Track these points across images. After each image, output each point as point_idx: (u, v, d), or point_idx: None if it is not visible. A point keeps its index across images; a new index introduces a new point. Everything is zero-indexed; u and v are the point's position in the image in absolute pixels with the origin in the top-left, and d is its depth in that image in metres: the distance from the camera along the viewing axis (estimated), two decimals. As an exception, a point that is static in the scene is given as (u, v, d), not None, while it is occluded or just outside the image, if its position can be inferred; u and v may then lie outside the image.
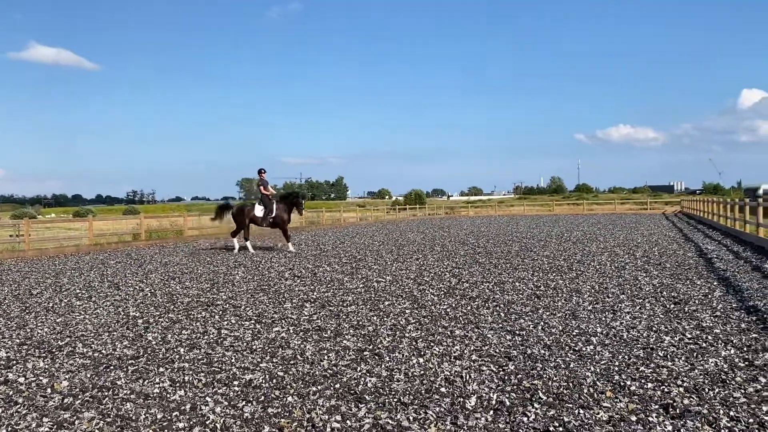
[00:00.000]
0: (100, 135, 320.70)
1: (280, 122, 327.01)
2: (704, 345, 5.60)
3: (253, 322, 7.23)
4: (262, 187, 17.82)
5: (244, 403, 4.38)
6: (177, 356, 5.74)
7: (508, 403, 4.19)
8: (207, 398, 4.50)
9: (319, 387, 4.68)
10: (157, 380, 4.98)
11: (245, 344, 6.13)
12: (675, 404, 4.07)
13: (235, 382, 4.87)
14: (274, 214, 17.29)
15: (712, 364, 4.98)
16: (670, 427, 3.71)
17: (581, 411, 4.01)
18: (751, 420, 3.79)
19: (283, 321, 7.22)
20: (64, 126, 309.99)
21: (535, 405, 4.15)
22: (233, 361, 5.52)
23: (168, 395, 4.61)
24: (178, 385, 4.85)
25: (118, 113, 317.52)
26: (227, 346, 6.09)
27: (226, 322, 7.24)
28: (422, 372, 4.98)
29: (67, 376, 5.18)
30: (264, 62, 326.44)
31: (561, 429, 3.74)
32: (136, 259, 16.25)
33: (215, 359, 5.59)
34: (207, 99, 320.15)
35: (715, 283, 9.29)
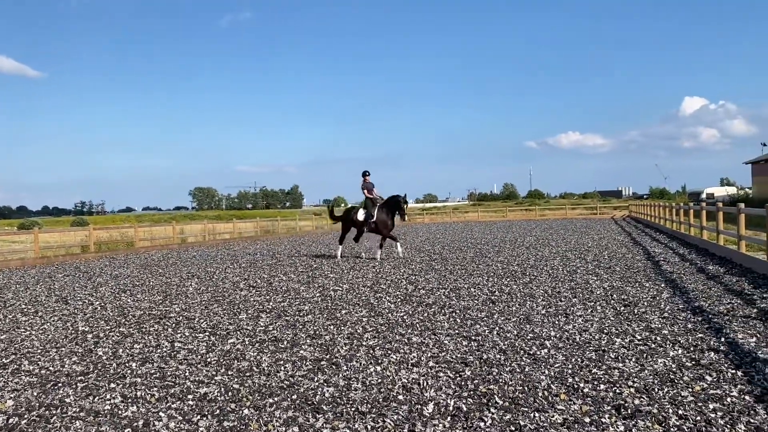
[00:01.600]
0: (46, 144, 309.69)
1: (234, 130, 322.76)
2: (653, 346, 5.77)
3: (207, 334, 7.11)
4: (366, 191, 16.87)
5: (198, 417, 4.30)
6: (129, 371, 5.60)
7: (465, 409, 4.22)
8: (160, 413, 4.40)
9: (275, 398, 4.63)
10: (108, 396, 4.84)
11: (199, 357, 6.02)
12: (626, 405, 4.17)
13: (190, 396, 4.77)
14: (374, 219, 16.29)
15: (661, 365, 5.12)
16: (622, 428, 3.80)
17: (537, 414, 4.07)
18: (698, 418, 3.91)
19: (239, 332, 7.11)
20: (6, 135, 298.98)
21: (492, 410, 4.19)
22: (187, 374, 5.41)
23: (120, 412, 4.48)
24: (130, 400, 4.73)
25: (65, 122, 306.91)
26: (181, 359, 5.97)
27: (179, 335, 7.10)
28: (380, 380, 4.98)
29: (12, 395, 4.98)
30: (217, 71, 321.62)
31: (517, 433, 3.78)
32: (85, 272, 15.78)
33: (168, 373, 5.47)
34: (158, 107, 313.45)
35: (662, 285, 9.58)
